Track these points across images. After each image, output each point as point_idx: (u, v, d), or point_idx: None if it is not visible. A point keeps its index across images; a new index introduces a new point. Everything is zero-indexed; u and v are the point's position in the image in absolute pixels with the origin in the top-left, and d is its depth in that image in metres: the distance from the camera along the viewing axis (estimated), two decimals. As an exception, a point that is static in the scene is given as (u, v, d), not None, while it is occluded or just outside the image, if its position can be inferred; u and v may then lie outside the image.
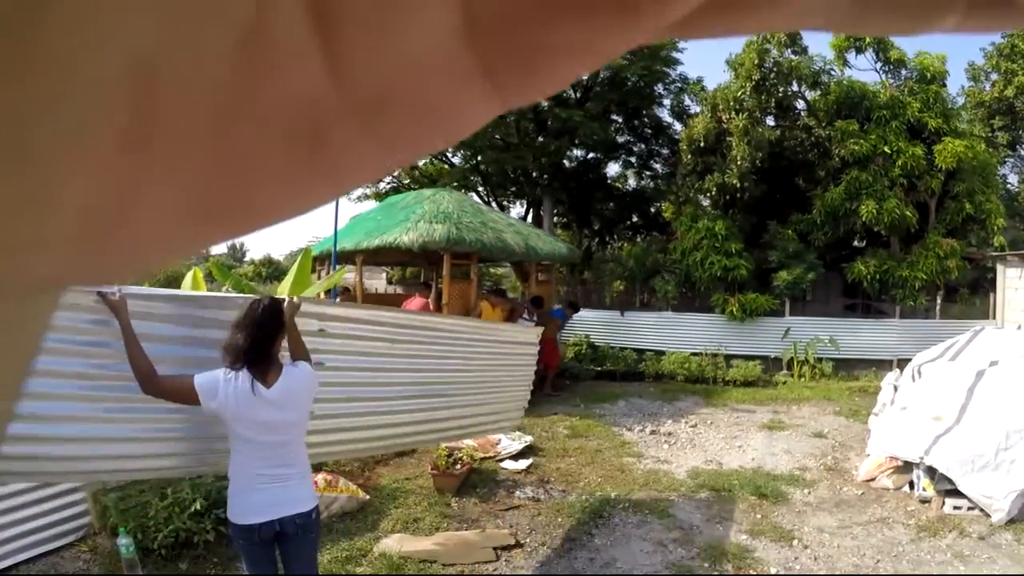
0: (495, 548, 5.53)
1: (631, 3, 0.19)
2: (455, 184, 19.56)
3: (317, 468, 6.64)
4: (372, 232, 11.69)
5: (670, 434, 9.34)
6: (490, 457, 7.62)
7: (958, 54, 48.49)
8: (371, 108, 0.21)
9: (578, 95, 20.21)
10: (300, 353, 3.56)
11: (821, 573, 5.02)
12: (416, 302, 10.66)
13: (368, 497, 6.23)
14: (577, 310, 14.75)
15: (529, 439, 8.22)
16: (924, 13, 0.20)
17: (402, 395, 4.82)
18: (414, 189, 17.93)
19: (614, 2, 0.19)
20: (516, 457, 7.73)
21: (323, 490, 5.82)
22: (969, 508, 6.45)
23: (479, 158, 20.74)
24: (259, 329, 3.28)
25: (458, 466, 6.77)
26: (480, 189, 22.71)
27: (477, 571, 5.18)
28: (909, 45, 33.59)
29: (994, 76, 25.32)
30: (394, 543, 5.50)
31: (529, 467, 7.49)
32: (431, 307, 10.69)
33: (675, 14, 0.19)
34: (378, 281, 23.78)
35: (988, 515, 6.30)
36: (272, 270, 36.49)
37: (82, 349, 3.09)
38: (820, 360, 15.38)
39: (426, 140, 0.22)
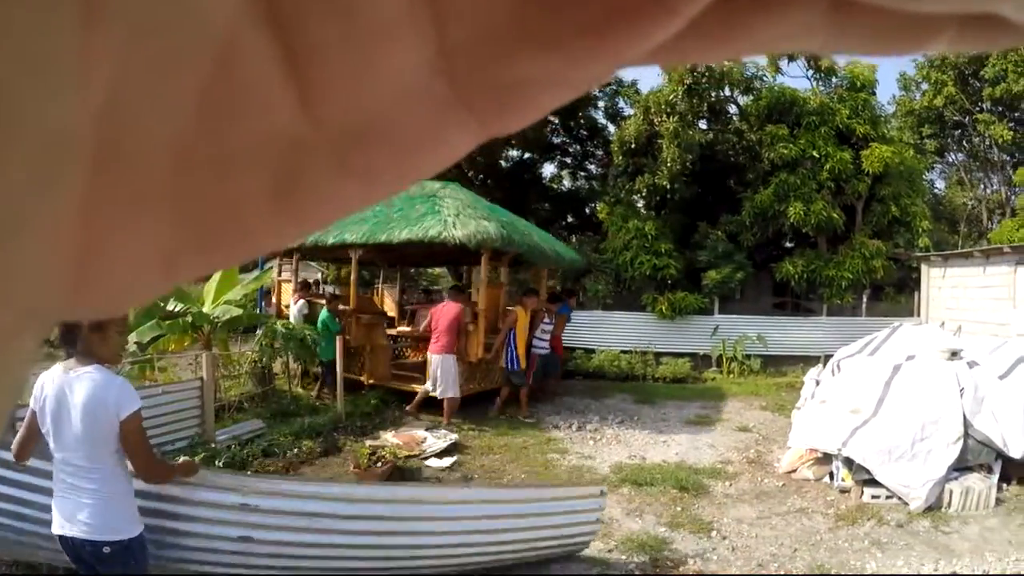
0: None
1: (607, 35, 0.18)
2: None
3: (243, 466, 6.55)
4: (384, 225, 10.12)
5: (596, 430, 9.33)
6: (415, 455, 7.53)
7: (890, 64, 49.95)
8: (346, 144, 0.20)
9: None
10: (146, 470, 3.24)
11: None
12: (449, 308, 9.52)
13: (292, 496, 6.12)
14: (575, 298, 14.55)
15: (454, 437, 8.16)
16: (912, 35, 0.20)
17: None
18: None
19: (588, 35, 0.19)
20: (441, 455, 7.65)
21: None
22: (887, 497, 6.54)
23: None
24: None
25: (380, 464, 6.68)
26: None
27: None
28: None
29: (924, 86, 26.25)
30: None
31: (453, 464, 7.42)
32: (461, 315, 9.56)
33: (651, 44, 0.19)
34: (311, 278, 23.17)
35: (906, 503, 6.41)
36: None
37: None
38: (749, 357, 15.70)
39: (405, 173, 0.22)
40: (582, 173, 23.17)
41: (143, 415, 3.16)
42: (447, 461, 7.50)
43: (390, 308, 12.18)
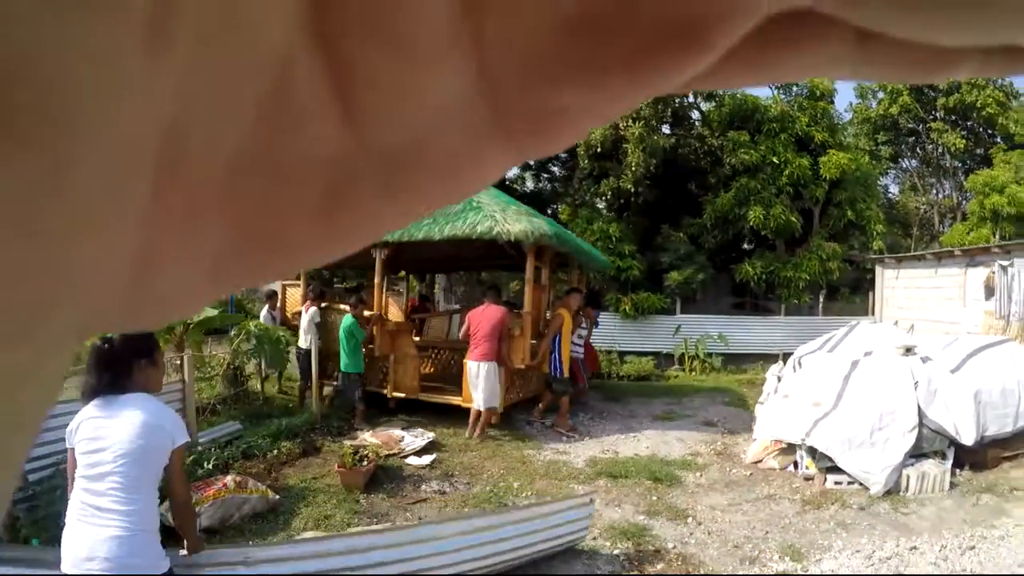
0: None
1: (646, 67, 0.19)
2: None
3: (226, 470, 6.60)
4: (418, 222, 8.53)
5: (568, 427, 9.52)
6: (394, 454, 7.66)
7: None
8: (389, 165, 0.21)
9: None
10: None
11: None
12: (491, 312, 8.75)
13: (278, 497, 6.20)
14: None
15: (431, 436, 8.29)
16: (937, 64, 0.20)
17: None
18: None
19: (629, 67, 0.19)
20: (420, 453, 7.78)
21: (234, 491, 5.78)
22: (849, 483, 6.92)
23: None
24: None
25: (364, 463, 6.77)
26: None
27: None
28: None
29: (880, 95, 27.04)
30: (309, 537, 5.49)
31: (433, 462, 7.55)
32: (505, 319, 8.80)
33: (688, 76, 0.20)
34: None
35: (867, 488, 6.78)
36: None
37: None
38: (710, 355, 16.21)
39: (444, 194, 0.23)
40: (545, 175, 23.33)
41: None
42: (426, 459, 7.62)
43: (396, 316, 11.43)
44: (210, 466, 6.46)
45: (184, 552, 3.32)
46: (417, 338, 11.60)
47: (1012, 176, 21.42)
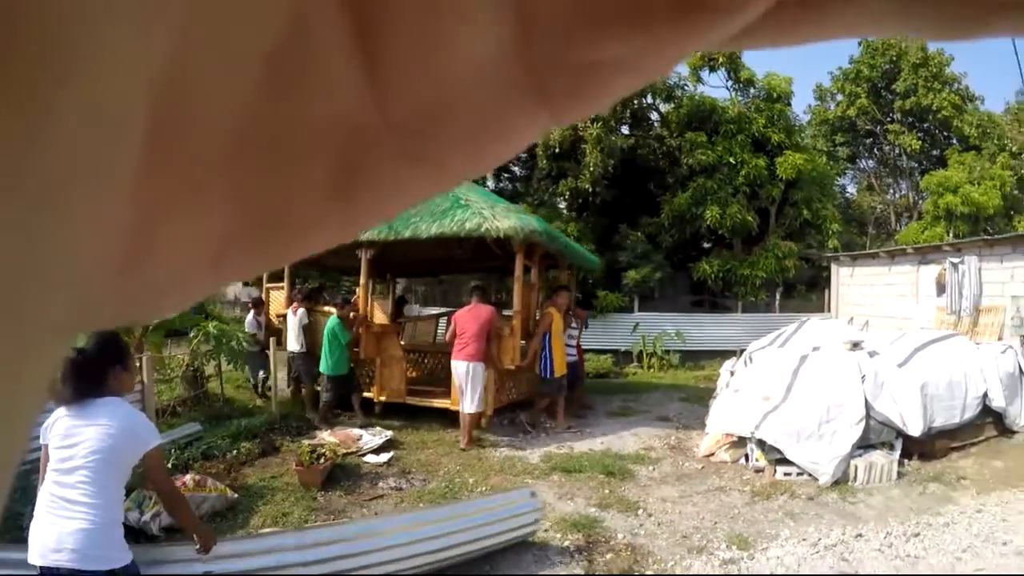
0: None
1: (696, 14, 0.18)
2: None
3: (186, 471, 6.60)
4: (404, 220, 9.00)
5: (514, 422, 9.61)
6: (352, 452, 7.69)
7: (808, 75, 51.57)
8: (413, 130, 0.19)
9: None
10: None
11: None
12: (479, 312, 8.52)
13: (237, 496, 6.21)
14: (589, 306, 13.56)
15: (389, 434, 8.34)
16: (980, 19, 0.19)
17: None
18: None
19: (677, 13, 0.18)
20: (377, 451, 7.82)
21: (192, 490, 5.79)
22: (798, 474, 7.04)
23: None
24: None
25: (322, 461, 6.80)
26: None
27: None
28: (759, 66, 35.41)
29: (839, 97, 27.46)
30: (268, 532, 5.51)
31: (390, 460, 7.59)
32: (494, 319, 8.61)
33: (734, 26, 0.18)
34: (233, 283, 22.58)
35: (815, 479, 6.91)
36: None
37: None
38: (668, 352, 16.37)
39: (472, 163, 0.21)
40: (506, 175, 23.44)
41: None
42: (384, 457, 7.65)
43: (380, 320, 11.25)
44: (169, 466, 6.43)
45: (198, 547, 3.39)
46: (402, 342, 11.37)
47: (966, 177, 21.87)
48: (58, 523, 2.79)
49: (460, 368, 8.36)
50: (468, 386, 8.31)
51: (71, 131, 0.14)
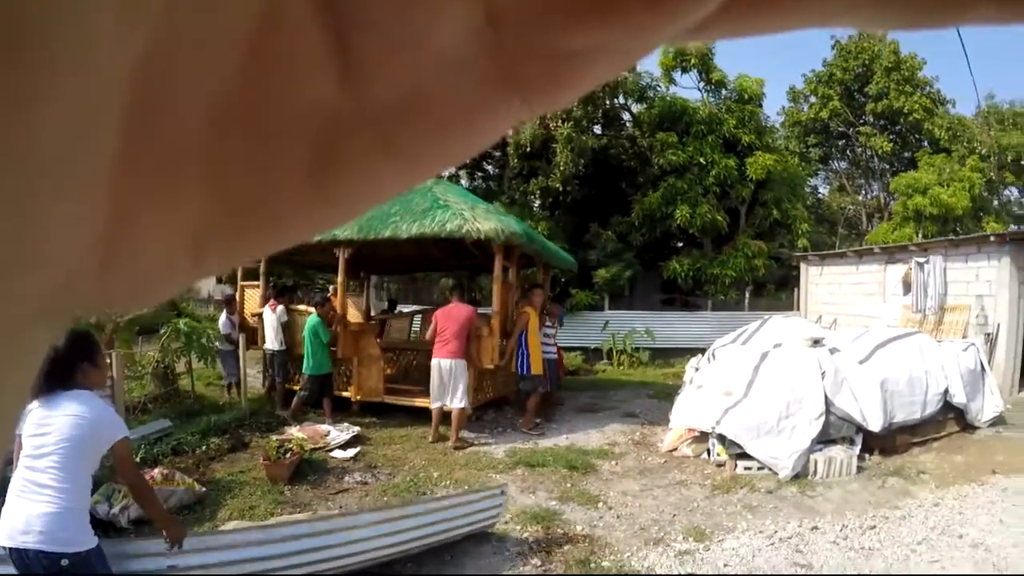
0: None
1: (661, 1, 0.17)
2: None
3: (154, 463, 6.62)
4: (383, 220, 8.94)
5: (492, 420, 9.67)
6: (320, 448, 7.72)
7: (781, 78, 52.20)
8: (387, 120, 0.19)
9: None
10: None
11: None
12: (460, 311, 8.58)
13: (205, 490, 6.23)
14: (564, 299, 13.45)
15: (356, 430, 8.36)
16: (951, 8, 0.19)
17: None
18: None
19: (643, 1, 0.17)
20: (345, 447, 7.85)
21: (160, 484, 5.80)
22: (759, 468, 7.15)
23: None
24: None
25: (289, 456, 6.81)
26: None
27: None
28: (731, 68, 35.69)
29: (812, 99, 27.74)
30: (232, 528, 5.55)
31: (357, 455, 7.63)
32: (474, 319, 8.67)
33: (707, 9, 0.18)
34: (206, 280, 22.35)
35: (775, 473, 7.01)
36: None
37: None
38: (637, 350, 16.49)
39: (445, 153, 0.21)
40: (479, 173, 23.48)
41: None
42: (351, 452, 7.69)
43: (355, 318, 10.78)
44: (138, 461, 6.43)
45: (167, 542, 3.48)
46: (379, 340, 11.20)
47: (935, 178, 22.16)
48: (27, 506, 2.88)
49: (444, 365, 8.38)
50: (451, 383, 8.34)
51: (52, 119, 0.14)
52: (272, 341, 9.90)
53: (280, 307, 9.90)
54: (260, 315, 10.38)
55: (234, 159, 0.19)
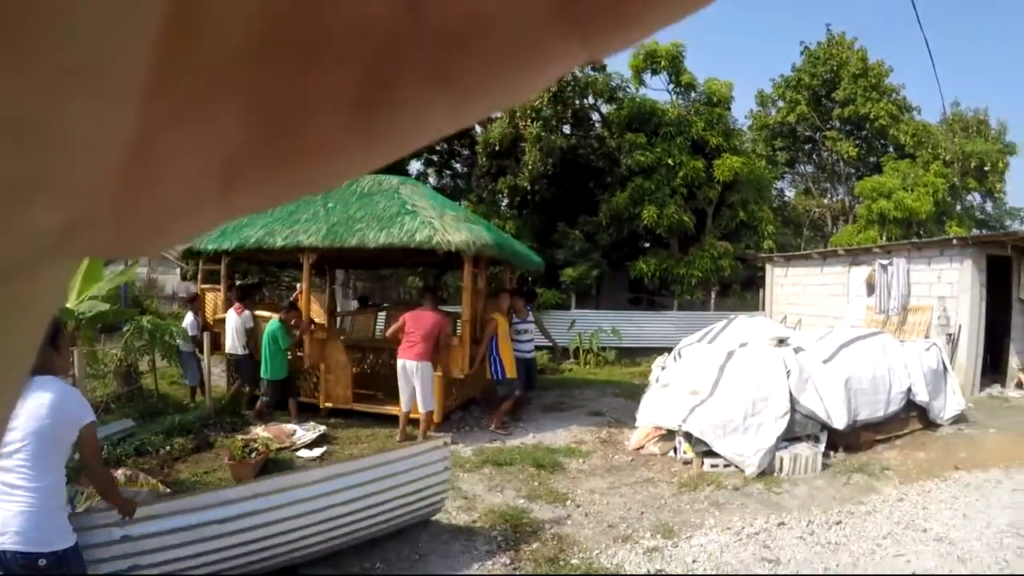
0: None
1: None
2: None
3: (117, 464, 6.51)
4: (349, 226, 8.79)
5: (460, 419, 9.66)
6: (286, 447, 7.65)
7: (750, 82, 52.51)
8: (444, 47, 0.18)
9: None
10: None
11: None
12: (428, 316, 8.45)
13: (169, 491, 6.14)
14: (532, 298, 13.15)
15: (323, 429, 8.32)
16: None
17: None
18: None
19: None
20: (311, 446, 7.80)
21: (124, 485, 5.74)
22: (725, 466, 7.17)
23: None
24: None
25: (254, 455, 6.75)
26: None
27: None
28: (700, 72, 35.97)
29: (780, 103, 28.03)
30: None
31: (323, 455, 7.57)
32: (444, 327, 8.59)
33: None
34: (171, 277, 22.57)
35: (742, 470, 7.05)
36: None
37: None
38: (604, 349, 16.47)
39: (504, 91, 0.19)
40: (448, 171, 23.44)
41: None
42: (317, 451, 7.65)
43: (318, 315, 10.30)
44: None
45: (120, 516, 3.56)
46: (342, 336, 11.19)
47: (900, 183, 22.46)
48: (1, 508, 2.87)
49: (409, 367, 8.30)
50: (419, 385, 8.25)
51: (81, 20, 0.13)
52: (235, 346, 9.64)
53: (247, 312, 9.68)
54: (223, 320, 10.07)
55: (277, 80, 0.17)
